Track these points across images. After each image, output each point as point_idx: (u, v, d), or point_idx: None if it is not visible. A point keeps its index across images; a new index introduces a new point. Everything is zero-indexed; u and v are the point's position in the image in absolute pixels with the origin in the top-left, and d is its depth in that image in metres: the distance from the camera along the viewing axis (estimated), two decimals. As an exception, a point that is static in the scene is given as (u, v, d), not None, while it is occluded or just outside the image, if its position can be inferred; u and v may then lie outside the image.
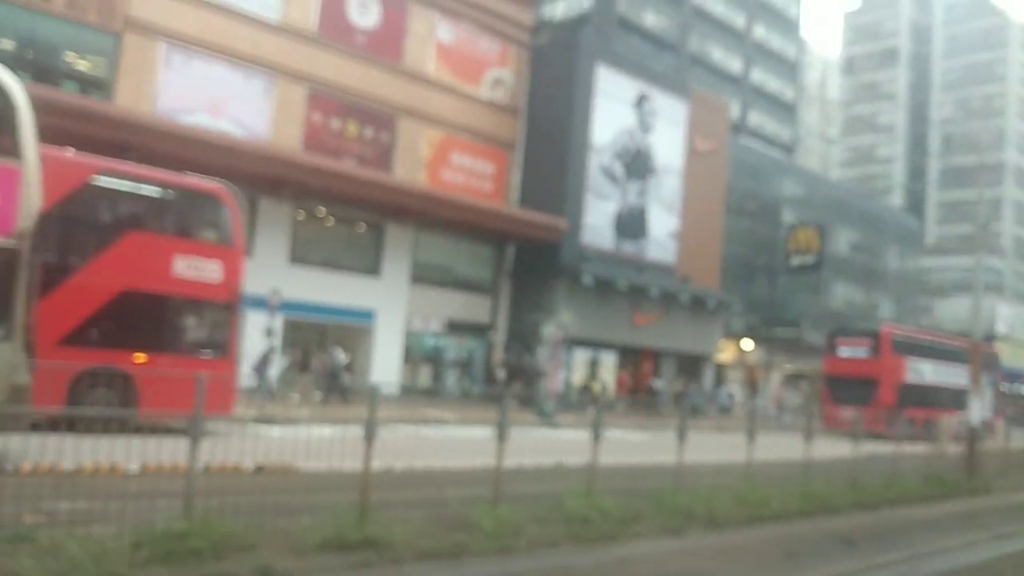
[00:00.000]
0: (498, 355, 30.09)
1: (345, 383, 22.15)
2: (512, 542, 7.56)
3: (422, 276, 28.42)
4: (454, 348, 30.05)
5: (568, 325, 27.89)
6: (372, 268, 27.16)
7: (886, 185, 74.58)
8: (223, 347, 13.49)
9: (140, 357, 12.65)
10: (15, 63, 18.86)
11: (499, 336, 30.59)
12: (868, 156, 76.97)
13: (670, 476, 10.39)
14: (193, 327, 13.53)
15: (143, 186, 13.34)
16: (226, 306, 13.50)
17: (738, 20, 50.96)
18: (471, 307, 30.00)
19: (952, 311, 66.34)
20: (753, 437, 11.65)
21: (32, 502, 6.60)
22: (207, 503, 6.65)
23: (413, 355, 28.68)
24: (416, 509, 8.19)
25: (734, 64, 50.50)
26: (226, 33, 23.64)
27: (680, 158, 34.15)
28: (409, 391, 27.28)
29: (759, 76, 52.46)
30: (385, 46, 27.25)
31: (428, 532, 7.49)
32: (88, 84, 22.01)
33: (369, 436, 7.26)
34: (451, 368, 29.98)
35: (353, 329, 26.53)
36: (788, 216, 44.65)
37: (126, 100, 21.88)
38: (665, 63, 41.06)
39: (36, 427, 8.20)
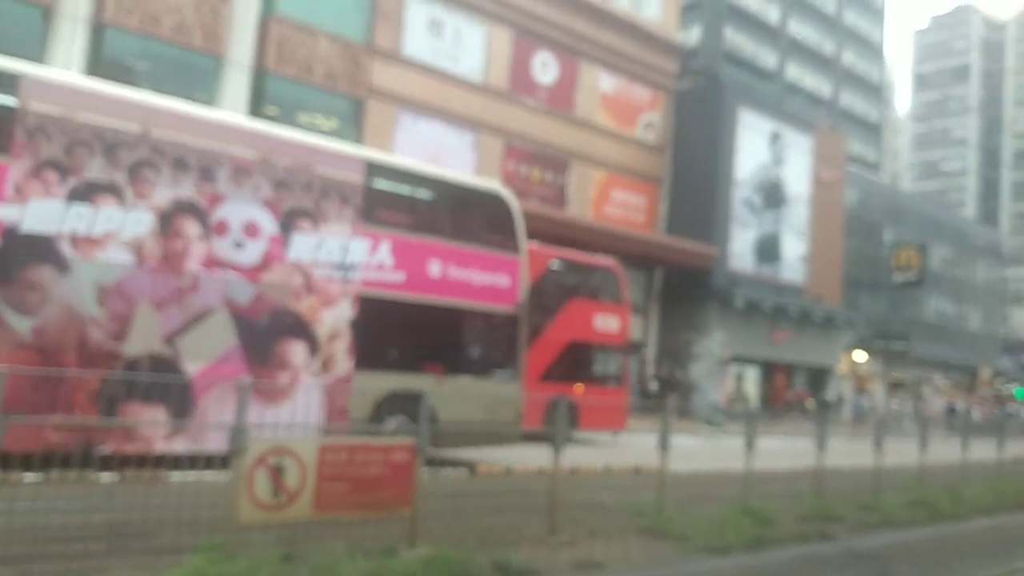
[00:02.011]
0: (649, 370, 33.44)
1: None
2: (911, 517, 10.80)
3: (589, 300, 31.87)
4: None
5: (725, 343, 31.25)
6: (550, 294, 30.71)
7: (958, 198, 76.84)
8: (620, 379, 18.36)
9: (580, 388, 17.09)
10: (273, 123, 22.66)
11: (649, 352, 33.95)
12: (939, 170, 79.28)
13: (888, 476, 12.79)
14: (604, 365, 18.23)
15: (574, 266, 18.04)
16: (622, 349, 18.40)
17: (827, 46, 53.98)
18: (626, 327, 33.38)
19: (1029, 319, 68.62)
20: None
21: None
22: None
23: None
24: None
25: (824, 89, 53.51)
26: (443, 95, 27.34)
27: (807, 188, 37.36)
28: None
29: (847, 100, 55.42)
30: (561, 99, 30.83)
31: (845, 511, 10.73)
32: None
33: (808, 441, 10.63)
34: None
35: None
36: (887, 234, 47.50)
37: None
38: (765, 91, 44.19)
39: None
